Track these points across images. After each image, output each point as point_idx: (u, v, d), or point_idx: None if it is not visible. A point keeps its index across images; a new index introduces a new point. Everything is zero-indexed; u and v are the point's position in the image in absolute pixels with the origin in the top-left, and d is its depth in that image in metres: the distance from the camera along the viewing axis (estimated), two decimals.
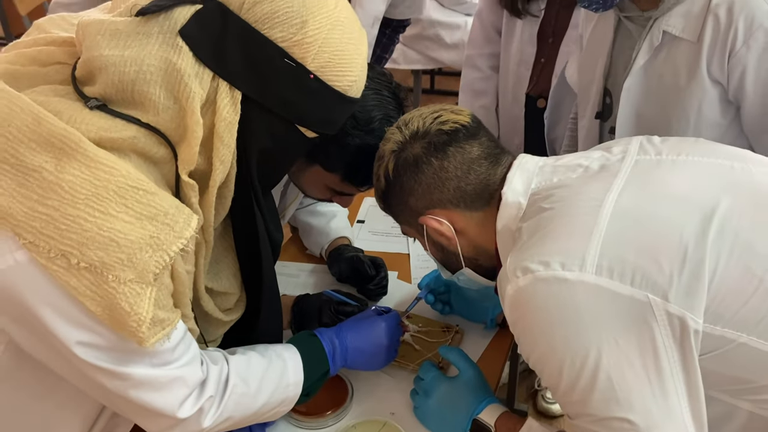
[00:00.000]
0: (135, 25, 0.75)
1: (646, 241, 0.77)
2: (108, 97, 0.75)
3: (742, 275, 0.75)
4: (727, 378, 0.78)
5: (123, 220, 0.70)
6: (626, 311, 0.74)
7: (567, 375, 0.77)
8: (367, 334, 1.07)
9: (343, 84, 0.82)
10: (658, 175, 0.86)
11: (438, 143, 0.91)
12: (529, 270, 0.78)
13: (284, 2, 0.78)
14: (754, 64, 1.07)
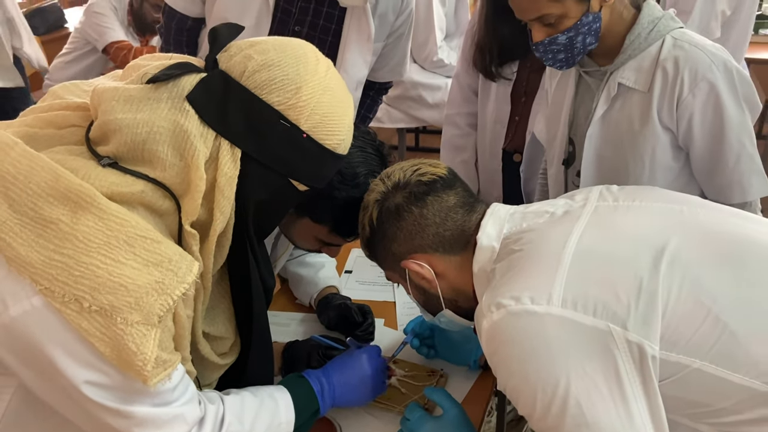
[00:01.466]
0: (146, 92, 0.84)
1: (605, 276, 0.85)
2: (120, 155, 0.83)
3: (692, 305, 0.83)
4: (686, 402, 0.84)
5: (132, 267, 0.77)
6: (590, 340, 0.81)
7: (540, 402, 0.83)
8: (351, 367, 1.12)
9: (332, 142, 0.91)
10: (615, 218, 0.95)
11: (417, 193, 1.00)
12: (502, 305, 0.85)
13: (281, 71, 0.87)
14: (700, 111, 1.19)
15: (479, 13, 1.65)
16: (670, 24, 1.23)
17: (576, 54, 1.24)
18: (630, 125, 1.26)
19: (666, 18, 1.23)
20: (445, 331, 1.28)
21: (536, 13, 1.19)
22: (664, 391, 0.82)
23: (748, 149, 1.23)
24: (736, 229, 0.94)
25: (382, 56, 1.71)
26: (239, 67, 0.87)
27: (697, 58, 1.17)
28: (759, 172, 1.25)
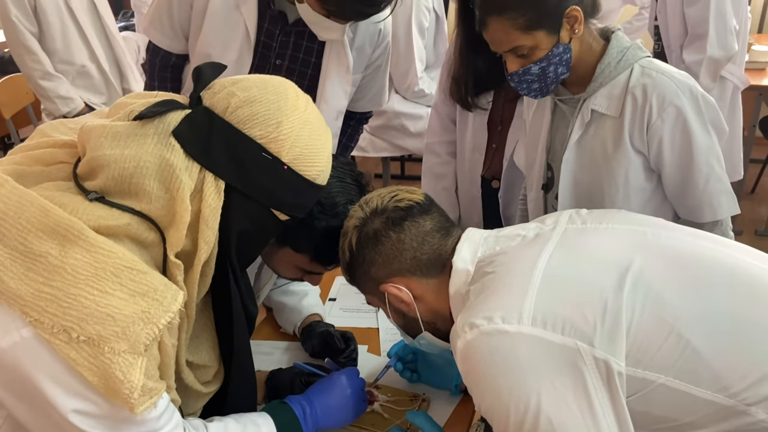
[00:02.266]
0: (133, 128, 0.87)
1: (573, 296, 0.89)
2: (107, 189, 0.86)
3: (655, 323, 0.86)
4: (653, 417, 0.87)
5: (118, 297, 0.79)
6: (559, 358, 0.85)
7: (513, 419, 0.86)
8: (331, 389, 1.15)
9: (312, 173, 0.95)
10: (582, 240, 0.99)
11: (395, 218, 1.03)
12: (475, 325, 0.88)
13: (262, 107, 0.91)
14: (669, 135, 1.25)
15: (454, 46, 1.71)
16: (638, 53, 1.29)
17: (549, 83, 1.29)
18: (603, 149, 1.31)
19: (633, 48, 1.30)
20: (428, 355, 1.30)
21: (509, 45, 1.24)
22: (632, 407, 0.85)
23: (717, 171, 1.28)
24: (697, 249, 0.98)
25: (361, 87, 1.76)
26: (222, 104, 0.91)
27: (664, 85, 1.23)
28: (727, 192, 1.31)
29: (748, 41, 3.59)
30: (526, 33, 1.21)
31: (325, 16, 1.43)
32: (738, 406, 0.84)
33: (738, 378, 0.84)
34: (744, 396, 0.83)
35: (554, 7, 1.21)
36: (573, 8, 1.22)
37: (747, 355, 0.85)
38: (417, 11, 2.43)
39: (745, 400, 0.83)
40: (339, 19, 1.44)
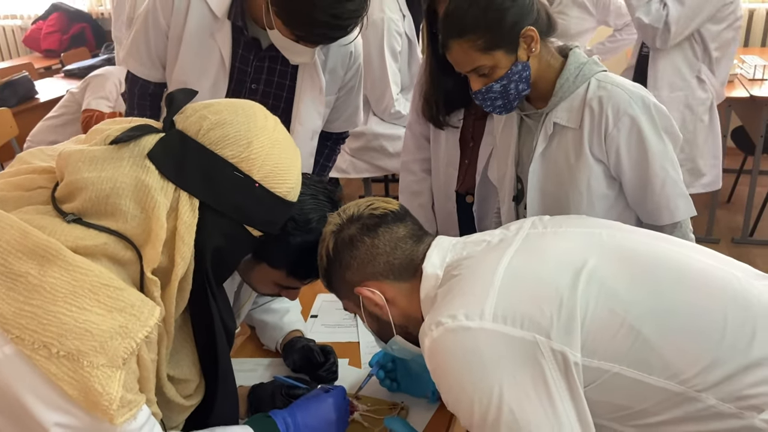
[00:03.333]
0: (110, 152, 0.91)
1: (531, 293, 0.94)
2: (84, 210, 0.90)
3: (608, 315, 0.91)
4: (611, 406, 0.91)
5: (96, 313, 0.82)
6: (519, 351, 0.89)
7: (477, 411, 0.90)
8: (317, 411, 1.17)
9: (283, 190, 0.99)
10: (542, 243, 1.05)
11: (370, 224, 1.09)
12: (440, 323, 0.93)
13: (233, 128, 0.95)
14: (625, 143, 1.31)
15: (424, 68, 1.78)
16: (594, 68, 1.36)
17: (512, 99, 1.36)
18: (567, 160, 1.37)
19: (590, 63, 1.37)
20: (405, 363, 1.34)
21: (471, 66, 1.31)
22: (590, 396, 0.89)
23: (672, 175, 1.35)
24: (650, 248, 1.03)
25: (335, 108, 1.82)
26: (195, 126, 0.95)
27: (618, 96, 1.30)
28: (683, 196, 1.37)
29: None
30: (485, 53, 1.28)
31: (294, 41, 1.49)
32: (689, 392, 0.88)
33: (687, 366, 0.88)
34: (694, 383, 0.88)
35: (510, 29, 1.28)
36: (528, 29, 1.29)
37: (695, 344, 0.90)
38: (389, 36, 2.51)
39: (695, 387, 0.88)
40: (308, 43, 1.50)
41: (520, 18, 1.28)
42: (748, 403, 0.86)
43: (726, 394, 0.87)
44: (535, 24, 1.30)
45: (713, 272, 0.98)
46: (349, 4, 1.40)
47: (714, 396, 0.87)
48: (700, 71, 2.60)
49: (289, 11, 1.42)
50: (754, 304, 0.93)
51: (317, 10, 1.39)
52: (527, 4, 1.30)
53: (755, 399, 0.86)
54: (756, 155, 3.38)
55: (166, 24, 1.63)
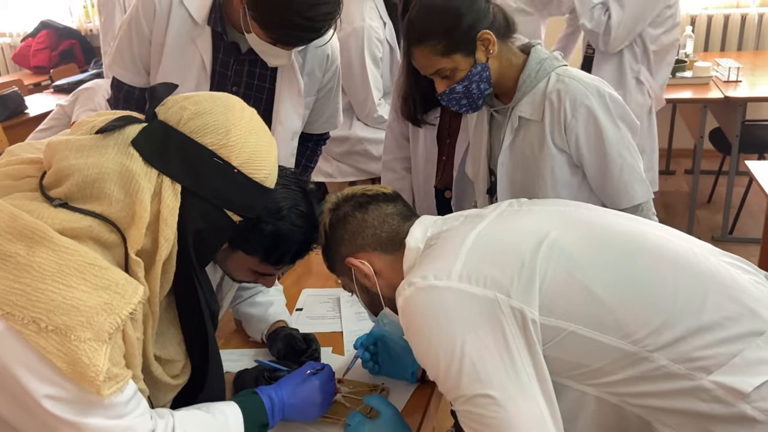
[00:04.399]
0: (95, 140, 0.97)
1: (496, 257, 1.01)
2: (70, 195, 0.95)
3: (565, 278, 0.98)
4: (568, 363, 0.97)
5: (82, 290, 0.87)
6: (482, 308, 0.96)
7: (442, 364, 0.96)
8: (302, 392, 1.22)
9: (260, 176, 1.05)
10: (514, 218, 1.13)
11: (362, 202, 1.19)
12: (412, 283, 1.01)
13: (212, 117, 1.01)
14: (583, 132, 1.39)
15: (402, 69, 1.85)
16: (554, 63, 1.43)
17: (476, 99, 1.44)
18: (532, 150, 1.44)
19: (550, 58, 1.44)
20: (387, 345, 1.40)
21: (433, 69, 1.41)
22: (549, 354, 0.95)
23: (629, 161, 1.42)
24: (610, 222, 1.11)
25: (315, 110, 1.88)
26: (176, 117, 1.01)
27: (575, 88, 1.38)
28: (641, 180, 1.44)
29: (692, 59, 3.82)
30: (445, 57, 1.38)
31: (271, 44, 1.55)
32: (641, 352, 0.93)
33: (639, 326, 0.94)
34: (645, 343, 0.93)
35: (466, 33, 1.36)
36: (484, 32, 1.38)
37: (647, 306, 0.95)
38: (369, 43, 2.58)
39: (646, 347, 0.93)
40: (284, 45, 1.57)
41: (475, 22, 1.37)
42: (697, 364, 0.92)
43: (676, 356, 0.92)
44: (492, 27, 1.39)
45: (668, 245, 1.05)
46: (323, 6, 1.47)
47: (665, 357, 0.92)
48: (639, 72, 2.63)
49: (265, 15, 1.49)
50: (706, 274, 0.99)
51: (292, 13, 1.46)
52: (482, 9, 1.39)
53: (704, 361, 0.91)
54: (732, 155, 3.47)
55: (148, 30, 1.69)
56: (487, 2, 1.40)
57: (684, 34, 4.04)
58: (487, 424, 0.94)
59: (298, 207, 1.21)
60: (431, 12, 1.37)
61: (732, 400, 0.90)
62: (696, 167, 3.65)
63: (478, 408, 0.94)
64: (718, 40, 4.49)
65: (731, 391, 0.90)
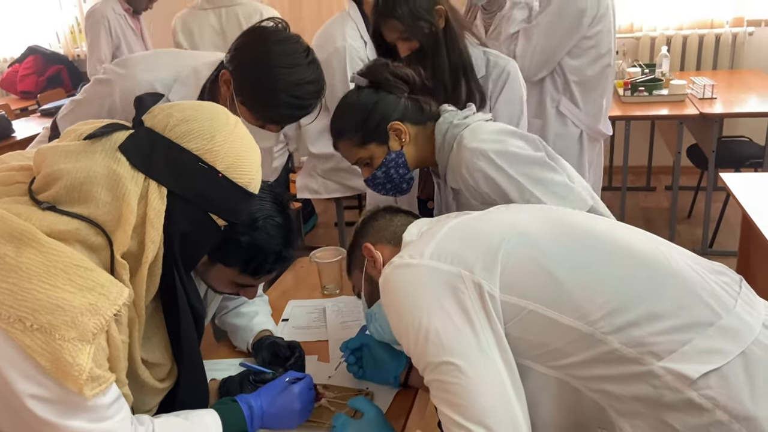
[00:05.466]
0: (84, 146, 1.00)
1: (466, 240, 1.09)
2: (58, 198, 0.98)
3: (527, 261, 1.04)
4: (529, 343, 1.01)
5: (68, 291, 0.90)
6: (446, 282, 1.04)
7: (412, 334, 1.03)
8: (281, 401, 1.24)
9: (244, 180, 1.08)
10: (493, 214, 1.21)
11: (394, 209, 1.39)
12: (392, 263, 1.11)
13: (197, 124, 1.05)
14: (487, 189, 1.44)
15: None
16: (455, 131, 1.50)
17: (399, 182, 1.56)
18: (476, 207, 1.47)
19: (452, 127, 1.51)
20: (371, 349, 1.43)
21: (354, 159, 1.55)
22: (511, 332, 1.01)
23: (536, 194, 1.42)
24: (578, 219, 1.19)
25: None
26: (162, 123, 1.04)
27: (466, 159, 1.45)
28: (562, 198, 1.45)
29: (668, 77, 3.92)
30: (361, 148, 1.52)
31: (260, 126, 1.60)
32: (596, 334, 0.97)
33: (595, 308, 0.98)
34: (600, 325, 0.97)
35: (376, 126, 1.50)
36: (395, 123, 1.51)
37: (604, 290, 1.00)
38: (351, 62, 2.63)
39: (601, 329, 0.97)
40: (272, 126, 1.62)
41: (386, 115, 1.50)
42: (649, 349, 0.95)
43: (629, 340, 0.96)
44: (404, 117, 1.52)
45: (633, 240, 1.10)
46: (309, 86, 1.55)
47: (618, 340, 0.96)
48: (559, 103, 2.59)
49: (253, 98, 1.55)
50: (665, 266, 1.04)
51: (278, 93, 1.53)
52: (392, 103, 1.52)
53: (655, 346, 0.95)
54: (710, 170, 3.55)
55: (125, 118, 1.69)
56: (397, 97, 1.53)
57: (660, 54, 4.16)
58: (450, 391, 0.99)
59: (274, 218, 1.25)
60: (345, 110, 1.54)
61: (680, 386, 0.93)
62: (675, 182, 3.73)
63: (442, 375, 1.00)
64: (694, 59, 4.61)
65: (679, 377, 0.93)
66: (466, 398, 0.98)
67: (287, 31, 1.60)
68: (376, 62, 1.60)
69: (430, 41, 1.82)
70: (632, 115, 3.68)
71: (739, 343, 0.96)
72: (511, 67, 1.91)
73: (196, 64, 1.68)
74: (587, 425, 1.01)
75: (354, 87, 1.59)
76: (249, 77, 1.56)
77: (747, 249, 2.65)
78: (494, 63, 1.91)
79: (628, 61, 4.29)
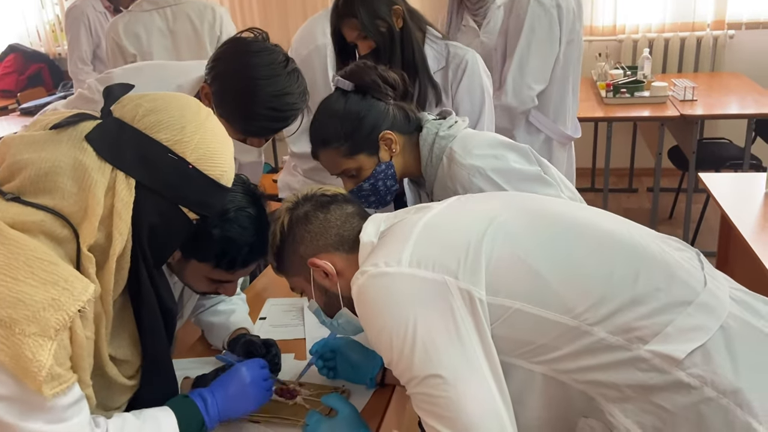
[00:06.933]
0: (50, 136, 0.98)
1: (443, 241, 1.04)
2: (23, 189, 0.96)
3: (510, 258, 1.01)
4: (516, 342, 0.99)
5: (30, 284, 0.87)
6: (431, 290, 0.99)
7: (395, 347, 0.98)
8: (230, 379, 1.22)
9: (216, 172, 1.06)
10: (462, 206, 1.16)
11: (323, 201, 1.20)
12: (365, 272, 1.04)
13: (167, 114, 1.02)
14: None
15: None
16: (442, 143, 1.46)
17: (384, 195, 1.50)
18: None
19: (438, 139, 1.47)
20: (345, 354, 1.41)
21: (339, 170, 1.48)
22: (497, 333, 0.98)
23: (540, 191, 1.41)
24: (551, 207, 1.15)
25: None
26: (131, 113, 1.02)
27: (460, 177, 1.42)
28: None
29: (650, 79, 3.95)
30: (349, 158, 1.44)
31: (241, 140, 1.57)
32: (581, 326, 0.96)
33: (579, 302, 0.97)
34: (585, 317, 0.97)
35: (368, 135, 1.44)
36: (386, 133, 1.45)
37: (586, 282, 0.99)
38: (332, 60, 2.62)
39: (586, 321, 0.96)
40: (253, 139, 1.59)
41: (376, 124, 1.44)
42: (634, 335, 0.95)
43: (614, 328, 0.96)
44: (393, 127, 1.46)
45: (605, 225, 1.09)
46: (288, 97, 1.51)
47: (603, 329, 0.96)
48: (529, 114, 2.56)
49: (232, 112, 1.52)
50: (638, 250, 1.03)
51: (257, 105, 1.49)
52: (382, 111, 1.46)
53: (639, 331, 0.95)
54: (690, 171, 3.58)
55: None
56: (386, 104, 1.47)
57: (642, 56, 4.20)
58: (437, 404, 0.96)
59: (246, 209, 1.22)
60: (332, 116, 1.45)
61: (667, 367, 0.93)
62: (656, 184, 3.75)
63: (429, 389, 0.96)
64: (676, 62, 4.65)
65: (666, 358, 0.93)
66: (454, 411, 0.95)
67: (266, 42, 1.57)
68: (362, 65, 1.53)
69: (386, 40, 1.84)
70: (614, 116, 3.71)
71: (716, 318, 0.96)
72: (470, 56, 1.95)
73: (180, 81, 1.65)
74: (572, 416, 1.01)
75: (336, 90, 1.52)
76: (227, 90, 1.53)
77: (726, 248, 2.67)
78: (453, 54, 1.96)
79: (610, 63, 4.31)
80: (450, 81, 1.96)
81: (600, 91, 3.94)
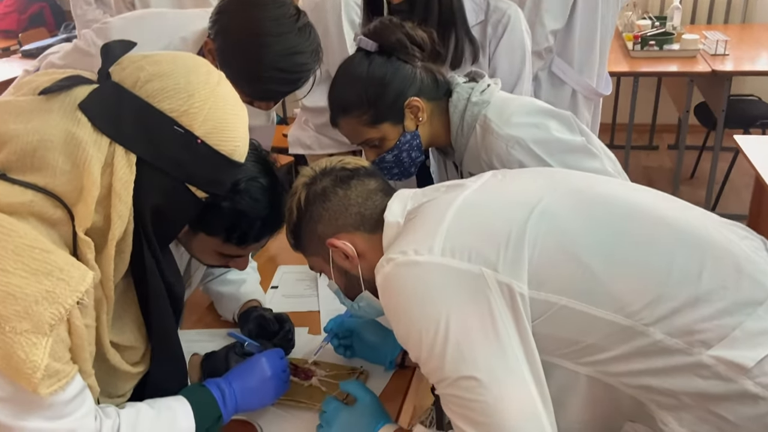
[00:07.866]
0: (38, 103, 0.86)
1: (480, 227, 0.94)
2: (9, 165, 0.85)
3: (556, 249, 0.91)
4: (560, 341, 0.90)
5: (20, 276, 0.78)
6: (466, 283, 0.89)
7: (425, 344, 0.89)
8: (251, 371, 1.15)
9: (227, 148, 0.95)
10: (500, 186, 1.04)
11: (342, 176, 1.09)
12: (391, 259, 0.93)
13: (172, 80, 0.90)
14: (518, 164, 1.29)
15: None
16: (475, 110, 1.33)
17: (408, 167, 1.38)
18: None
19: (470, 105, 1.33)
20: (363, 334, 1.33)
21: (360, 139, 1.35)
22: (538, 330, 0.89)
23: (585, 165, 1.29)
24: (601, 189, 1.03)
25: None
26: (131, 78, 0.90)
27: (498, 149, 1.30)
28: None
29: (679, 31, 3.75)
30: (372, 127, 1.32)
31: (248, 103, 1.42)
32: (636, 326, 0.87)
33: (634, 299, 0.87)
34: (641, 316, 0.87)
35: (393, 102, 1.30)
36: (412, 99, 1.31)
37: (642, 277, 0.89)
38: (347, 7, 2.45)
39: (642, 320, 0.87)
40: (260, 102, 1.46)
41: (402, 90, 1.30)
42: (696, 338, 0.85)
43: (673, 329, 0.86)
44: (420, 93, 1.32)
45: (663, 211, 0.97)
46: (298, 57, 1.37)
47: (661, 330, 0.86)
48: (552, 63, 2.37)
49: (237, 72, 1.34)
50: (702, 241, 0.92)
51: (264, 67, 1.35)
52: (409, 75, 1.32)
53: (703, 334, 0.85)
54: (717, 130, 3.43)
55: None
56: (413, 67, 1.33)
57: (672, 6, 3.97)
58: (471, 408, 0.87)
59: (258, 179, 1.11)
60: (355, 81, 1.31)
61: (733, 376, 0.84)
62: (681, 142, 3.61)
63: (462, 391, 0.88)
64: (705, 13, 4.42)
65: (732, 366, 0.84)
66: (489, 416, 0.86)
67: None
68: (387, 22, 1.37)
69: None
70: (640, 71, 3.52)
71: None
72: (512, 11, 1.78)
73: (184, 33, 1.50)
74: (617, 419, 0.93)
75: (358, 51, 1.37)
76: (230, 48, 1.39)
77: (758, 212, 2.56)
78: (494, 7, 1.78)
79: (638, 13, 4.09)
80: (489, 38, 1.79)
81: (626, 43, 3.73)
